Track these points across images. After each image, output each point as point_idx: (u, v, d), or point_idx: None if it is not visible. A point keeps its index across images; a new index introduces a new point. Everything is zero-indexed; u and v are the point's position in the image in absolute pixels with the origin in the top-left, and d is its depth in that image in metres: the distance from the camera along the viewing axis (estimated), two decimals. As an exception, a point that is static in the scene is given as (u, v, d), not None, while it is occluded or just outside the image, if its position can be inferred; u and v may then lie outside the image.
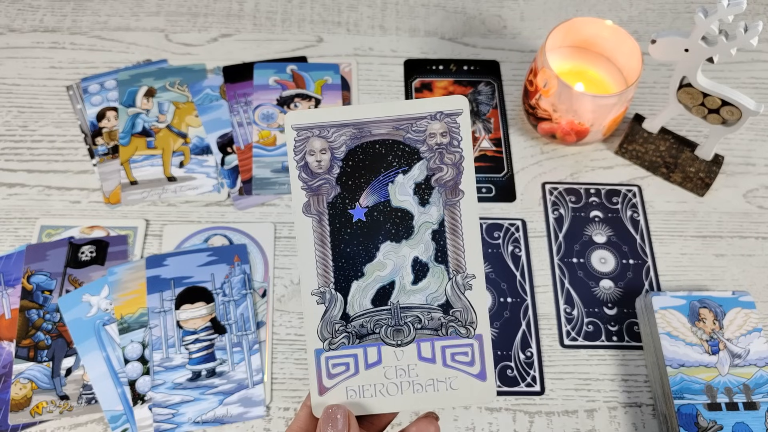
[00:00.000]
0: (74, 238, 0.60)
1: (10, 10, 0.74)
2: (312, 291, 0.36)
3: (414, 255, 0.36)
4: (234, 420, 0.53)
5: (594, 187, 0.65)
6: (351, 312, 0.36)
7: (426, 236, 0.36)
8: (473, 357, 0.36)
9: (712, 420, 0.51)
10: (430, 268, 0.36)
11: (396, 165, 0.36)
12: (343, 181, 0.36)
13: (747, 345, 0.54)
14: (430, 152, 0.36)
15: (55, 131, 0.66)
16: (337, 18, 0.75)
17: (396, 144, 0.36)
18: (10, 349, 0.55)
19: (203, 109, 0.67)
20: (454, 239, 0.36)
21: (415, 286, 0.36)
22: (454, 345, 0.36)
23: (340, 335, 0.36)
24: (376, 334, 0.36)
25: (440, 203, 0.36)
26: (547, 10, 0.77)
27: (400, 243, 0.36)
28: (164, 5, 0.75)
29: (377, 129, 0.35)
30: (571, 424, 0.55)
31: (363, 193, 0.36)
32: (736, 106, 0.57)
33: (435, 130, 0.36)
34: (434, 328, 0.36)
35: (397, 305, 0.36)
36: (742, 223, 0.64)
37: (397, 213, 0.36)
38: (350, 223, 0.36)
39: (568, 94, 0.60)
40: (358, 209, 0.36)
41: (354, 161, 0.36)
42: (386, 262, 0.36)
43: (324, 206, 0.36)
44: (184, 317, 0.56)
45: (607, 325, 0.59)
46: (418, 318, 0.36)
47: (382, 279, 0.36)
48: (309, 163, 0.36)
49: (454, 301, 0.36)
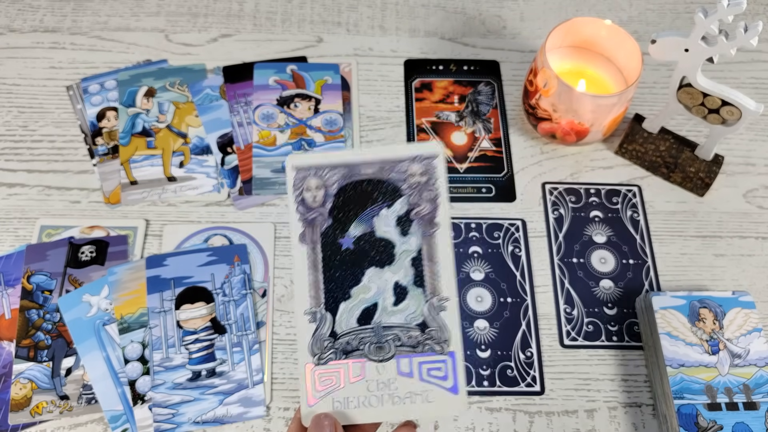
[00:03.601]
0: (74, 238, 0.60)
1: (10, 10, 0.74)
2: (305, 311, 0.40)
3: (395, 279, 0.40)
4: (234, 420, 0.53)
5: (594, 187, 0.65)
6: (338, 330, 0.40)
7: (406, 263, 0.40)
8: (447, 372, 0.39)
9: (712, 420, 0.51)
10: (409, 292, 0.40)
11: (381, 200, 0.41)
12: (335, 214, 0.40)
13: (747, 345, 0.54)
14: (410, 190, 0.41)
15: (55, 131, 0.66)
16: (337, 18, 0.75)
17: (381, 182, 0.41)
18: (10, 349, 0.55)
19: (203, 109, 0.67)
20: (430, 266, 0.40)
21: (395, 308, 0.40)
22: (429, 361, 0.40)
23: (329, 351, 0.40)
24: (361, 350, 0.40)
25: (419, 234, 0.40)
26: (546, 11, 0.77)
27: (383, 269, 0.40)
28: (164, 5, 0.75)
29: (365, 169, 0.40)
30: (571, 424, 0.55)
31: (351, 224, 0.40)
32: (736, 106, 0.57)
33: (414, 171, 0.41)
34: (412, 346, 0.40)
35: (379, 324, 0.40)
36: (741, 223, 0.64)
37: (381, 242, 0.41)
38: (340, 251, 0.40)
39: (568, 94, 0.60)
40: (347, 239, 0.41)
41: (344, 197, 0.40)
42: (371, 285, 0.40)
43: (317, 236, 0.40)
44: (184, 317, 0.56)
45: (607, 325, 0.59)
46: (398, 336, 0.40)
47: (367, 301, 0.40)
48: (305, 198, 0.41)
49: (430, 321, 0.40)
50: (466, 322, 0.58)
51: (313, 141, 0.66)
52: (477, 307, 0.59)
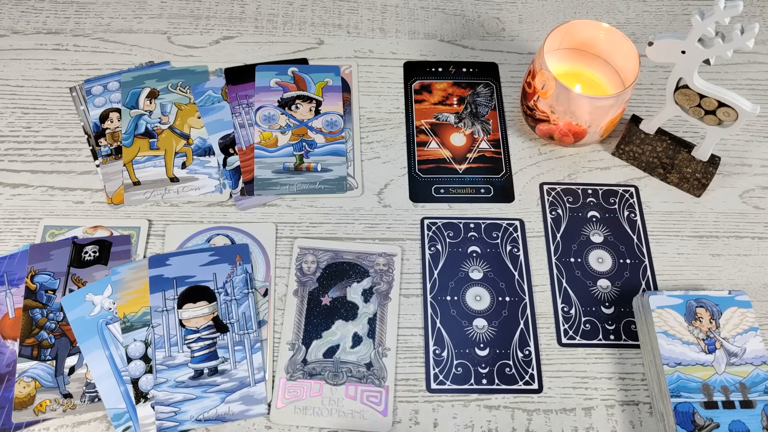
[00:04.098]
0: (77, 237, 0.61)
1: (13, 12, 0.74)
2: (287, 341, 0.57)
3: (355, 330, 0.58)
4: (236, 418, 0.54)
5: (591, 187, 0.66)
6: (309, 359, 0.57)
7: (364, 321, 0.58)
8: (381, 400, 0.55)
9: (709, 418, 0.51)
10: (363, 340, 0.57)
11: (353, 277, 0.60)
12: (320, 281, 0.60)
13: (743, 344, 0.54)
14: (375, 273, 0.60)
15: (58, 132, 0.67)
16: (337, 20, 0.76)
17: (356, 265, 0.61)
18: (13, 348, 0.56)
19: (205, 110, 0.68)
20: (380, 325, 0.58)
21: (352, 350, 0.57)
22: (369, 390, 0.56)
23: (298, 372, 0.56)
24: (322, 375, 0.56)
25: (376, 303, 0.59)
26: (545, 13, 0.78)
27: (348, 322, 0.58)
28: (167, 8, 0.76)
29: (346, 256, 0.61)
30: (569, 422, 0.55)
31: (331, 289, 0.59)
32: (733, 107, 0.57)
33: (379, 262, 0.61)
34: (359, 378, 0.56)
35: (338, 359, 0.57)
36: (738, 223, 0.65)
37: (349, 304, 0.59)
38: (320, 305, 0.59)
39: (565, 96, 0.61)
40: (326, 298, 0.59)
41: (329, 270, 0.60)
42: (337, 332, 0.58)
43: (306, 293, 0.59)
44: (187, 316, 0.57)
45: (605, 324, 0.59)
46: (350, 369, 0.56)
47: (332, 342, 0.57)
48: (303, 267, 0.60)
49: (375, 362, 0.57)
50: (465, 321, 0.59)
51: (314, 142, 0.67)
52: (476, 306, 0.60)
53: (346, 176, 0.66)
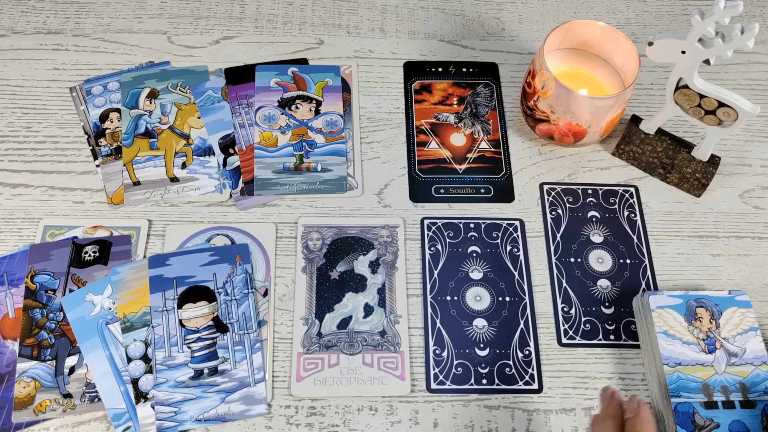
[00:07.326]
0: (77, 238, 0.61)
1: (13, 12, 0.74)
2: (300, 317, 0.58)
3: (365, 301, 0.59)
4: (236, 418, 0.54)
5: (591, 187, 0.66)
6: (323, 332, 0.58)
7: (374, 291, 0.60)
8: (397, 365, 0.57)
9: (709, 418, 0.51)
10: (375, 310, 0.59)
11: (359, 250, 0.62)
12: (327, 256, 0.61)
13: (743, 344, 0.54)
14: (380, 245, 0.62)
15: (58, 132, 0.67)
16: (337, 20, 0.76)
17: (361, 239, 0.62)
18: (13, 348, 0.56)
19: (205, 110, 0.68)
20: (390, 294, 0.60)
21: (364, 320, 0.59)
22: (385, 357, 0.57)
23: (314, 345, 0.57)
24: (338, 346, 0.57)
25: (384, 273, 0.61)
26: (545, 13, 0.78)
27: (358, 293, 0.60)
28: (167, 8, 0.76)
29: (350, 231, 0.63)
30: (569, 422, 0.55)
31: (338, 264, 0.61)
32: (733, 107, 0.57)
33: (383, 234, 0.62)
34: (374, 346, 0.57)
35: (352, 330, 0.58)
36: (738, 223, 0.65)
37: (358, 276, 0.60)
38: (329, 281, 0.60)
39: (565, 96, 0.61)
40: (335, 272, 0.60)
41: (335, 246, 0.62)
42: (348, 303, 0.59)
43: (314, 269, 0.61)
44: (187, 316, 0.57)
45: (605, 324, 0.59)
46: (365, 339, 0.58)
47: (345, 314, 0.59)
48: (309, 244, 0.62)
49: (388, 330, 0.58)
50: (465, 321, 0.59)
51: (314, 142, 0.67)
52: (476, 306, 0.60)
53: (346, 176, 0.66)
